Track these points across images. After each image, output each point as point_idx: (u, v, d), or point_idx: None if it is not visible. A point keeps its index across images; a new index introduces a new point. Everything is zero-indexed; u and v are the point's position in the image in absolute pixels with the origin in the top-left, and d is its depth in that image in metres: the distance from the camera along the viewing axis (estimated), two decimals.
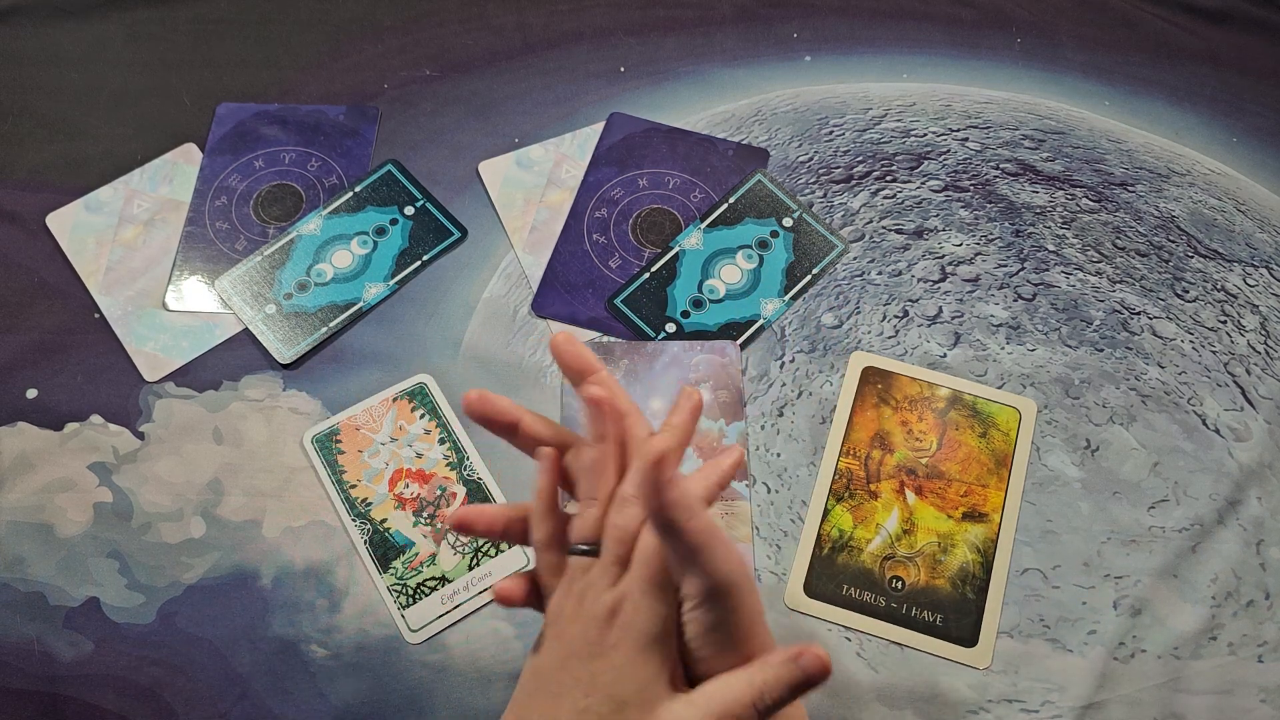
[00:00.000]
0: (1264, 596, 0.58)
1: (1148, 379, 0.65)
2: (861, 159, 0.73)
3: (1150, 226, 0.70)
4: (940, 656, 0.56)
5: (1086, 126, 0.75)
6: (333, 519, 0.60)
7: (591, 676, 0.38)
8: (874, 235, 0.69)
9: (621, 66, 0.76)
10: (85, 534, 0.59)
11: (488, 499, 0.60)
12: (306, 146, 0.72)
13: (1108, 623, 0.57)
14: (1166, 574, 0.59)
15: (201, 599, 0.57)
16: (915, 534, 0.59)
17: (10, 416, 0.62)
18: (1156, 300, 0.67)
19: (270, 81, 0.75)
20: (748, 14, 0.79)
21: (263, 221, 0.69)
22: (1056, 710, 0.55)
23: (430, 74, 0.75)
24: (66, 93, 0.74)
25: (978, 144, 0.73)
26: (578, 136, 0.73)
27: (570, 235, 0.69)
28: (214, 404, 0.63)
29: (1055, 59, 0.77)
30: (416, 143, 0.72)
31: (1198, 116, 0.75)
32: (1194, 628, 0.57)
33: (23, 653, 0.56)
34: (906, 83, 0.76)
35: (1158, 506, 0.61)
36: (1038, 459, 0.62)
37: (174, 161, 0.71)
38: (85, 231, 0.68)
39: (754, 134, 0.73)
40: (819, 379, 0.64)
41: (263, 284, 0.66)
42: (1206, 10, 0.80)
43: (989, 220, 0.70)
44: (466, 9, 0.78)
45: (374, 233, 0.68)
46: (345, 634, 0.57)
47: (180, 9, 0.78)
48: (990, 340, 0.66)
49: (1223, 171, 0.73)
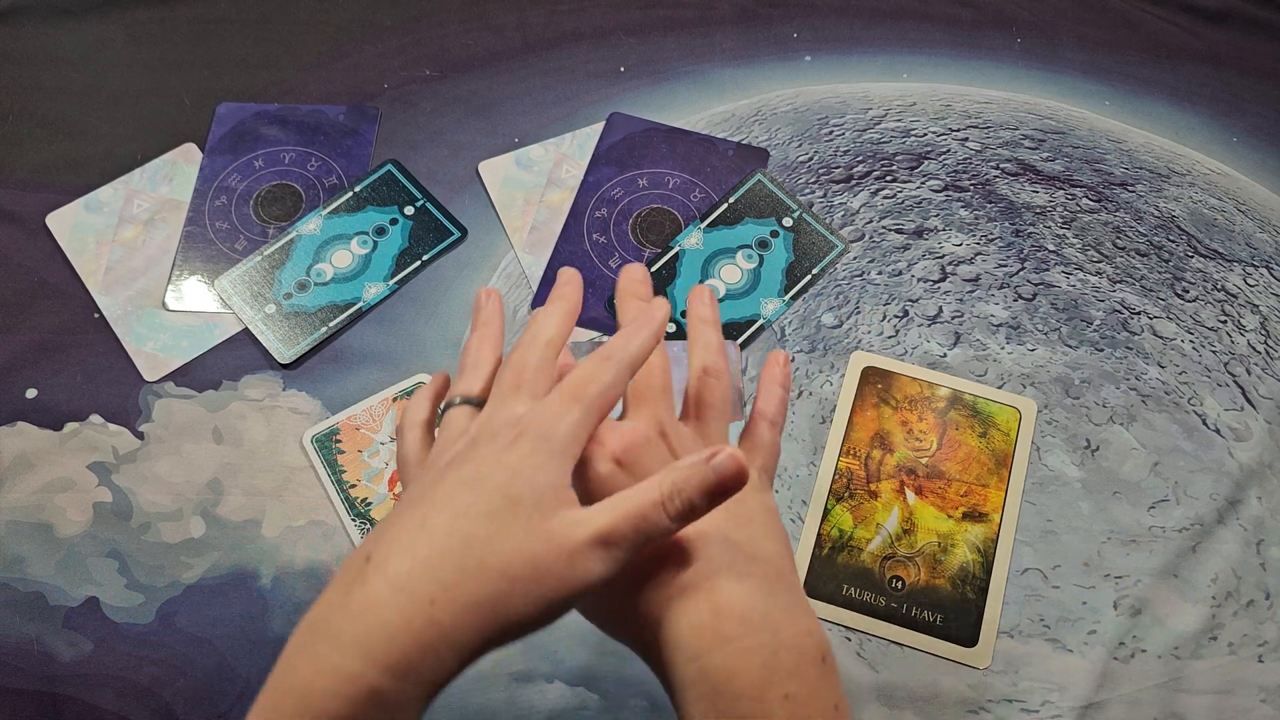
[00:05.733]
0: (1264, 596, 0.58)
1: (1148, 379, 0.65)
2: (861, 159, 0.73)
3: (1150, 226, 0.70)
4: (940, 656, 0.56)
5: (1087, 126, 0.74)
6: (332, 519, 0.60)
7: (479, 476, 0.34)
8: (874, 235, 0.69)
9: (621, 66, 0.76)
10: (85, 534, 0.59)
11: None
12: (306, 146, 0.72)
13: (1108, 623, 0.57)
14: (1167, 574, 0.58)
15: (201, 599, 0.57)
16: (915, 534, 0.59)
17: (10, 416, 0.62)
18: (1157, 300, 0.67)
19: (270, 81, 0.75)
20: (748, 14, 0.78)
21: (262, 221, 0.69)
22: (1056, 710, 0.55)
23: (430, 74, 0.75)
24: (66, 93, 0.74)
25: (978, 144, 0.73)
26: (578, 136, 0.73)
27: (570, 235, 0.69)
28: (214, 404, 0.63)
29: (1055, 59, 0.77)
30: (416, 143, 0.72)
31: (1198, 116, 0.75)
32: (1194, 628, 0.57)
33: (22, 652, 0.56)
34: (906, 82, 0.76)
35: (1158, 506, 0.61)
36: (1038, 459, 0.62)
37: (174, 161, 0.71)
38: (85, 231, 0.68)
39: (754, 134, 0.73)
40: (819, 379, 0.64)
41: (262, 284, 0.66)
42: (1206, 10, 0.80)
43: (989, 220, 0.70)
44: (466, 9, 0.78)
45: (374, 232, 0.68)
46: None
47: (180, 9, 0.78)
48: (990, 340, 0.66)
49: (1223, 171, 0.73)
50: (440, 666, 0.31)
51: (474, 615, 0.32)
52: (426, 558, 0.32)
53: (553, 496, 0.34)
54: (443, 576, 0.32)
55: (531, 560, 0.32)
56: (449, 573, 0.32)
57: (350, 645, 0.31)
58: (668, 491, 0.33)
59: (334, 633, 0.31)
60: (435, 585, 0.31)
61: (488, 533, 0.33)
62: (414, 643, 0.31)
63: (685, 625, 0.33)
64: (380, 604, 0.31)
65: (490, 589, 0.32)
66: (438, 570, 0.32)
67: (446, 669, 0.32)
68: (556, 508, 0.34)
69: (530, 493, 0.33)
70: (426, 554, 0.32)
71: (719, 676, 0.33)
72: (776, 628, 0.33)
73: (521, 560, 0.32)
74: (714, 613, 0.33)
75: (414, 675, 0.31)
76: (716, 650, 0.33)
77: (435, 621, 0.31)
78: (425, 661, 0.31)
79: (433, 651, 0.31)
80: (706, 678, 0.33)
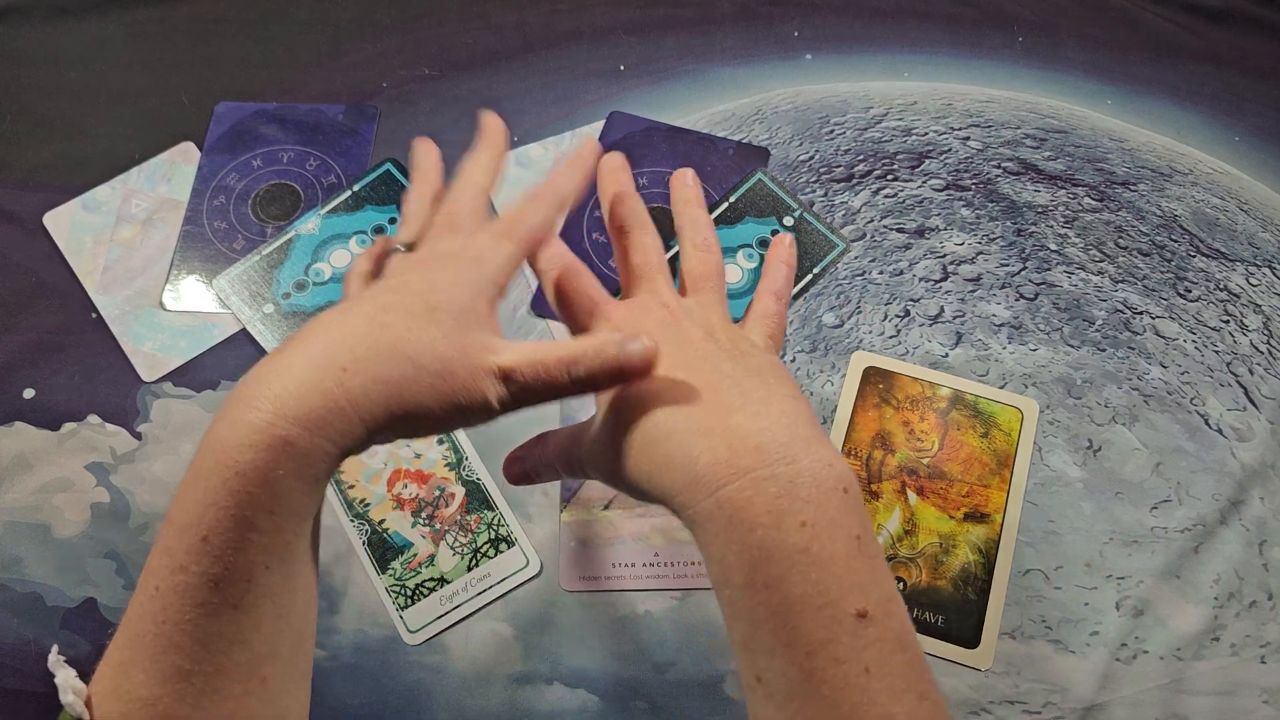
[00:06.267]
0: (1267, 597, 0.58)
1: (1150, 379, 0.64)
2: (862, 158, 0.72)
3: (1152, 226, 0.70)
4: (942, 658, 0.56)
5: (1088, 125, 0.74)
6: (331, 519, 0.59)
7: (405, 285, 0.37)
8: (875, 234, 0.69)
9: (622, 65, 0.76)
10: (82, 534, 0.59)
11: (486, 499, 0.60)
12: (305, 146, 0.71)
13: (1110, 623, 0.57)
14: (1169, 575, 0.58)
15: None
16: (917, 534, 0.59)
17: (7, 416, 0.62)
18: (1159, 300, 0.67)
19: (269, 81, 0.74)
20: (748, 12, 0.78)
21: (261, 221, 0.69)
22: (1058, 711, 0.55)
23: (430, 73, 0.75)
24: (65, 92, 0.74)
25: (979, 143, 0.73)
26: (578, 136, 0.72)
27: (570, 235, 0.68)
28: (212, 404, 0.62)
29: (1057, 58, 0.77)
30: None
31: (1200, 115, 0.75)
32: (1196, 628, 0.57)
33: (20, 653, 0.55)
34: (908, 81, 0.76)
35: (1160, 507, 0.60)
36: (1040, 459, 0.62)
37: (172, 160, 0.71)
38: (83, 231, 0.68)
39: (754, 133, 0.73)
40: (820, 379, 0.64)
41: (261, 283, 0.66)
42: (1208, 10, 0.80)
43: (991, 219, 0.70)
44: (466, 9, 0.78)
45: (373, 232, 0.68)
46: (344, 635, 0.56)
47: (179, 8, 0.77)
48: (992, 340, 0.65)
49: (1225, 171, 0.73)
50: (348, 428, 0.33)
51: (381, 388, 0.34)
52: (343, 335, 0.35)
53: (473, 316, 0.37)
54: (356, 349, 0.34)
55: (441, 358, 0.35)
56: (362, 348, 0.34)
57: (263, 401, 0.32)
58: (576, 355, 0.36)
59: (248, 395, 0.33)
60: (348, 356, 0.34)
61: (404, 325, 0.35)
62: (323, 401, 0.33)
63: (703, 462, 0.34)
64: (294, 367, 0.33)
65: (399, 370, 0.34)
66: (352, 345, 0.34)
67: (354, 434, 0.34)
68: (473, 326, 0.36)
69: (450, 304, 0.36)
70: (343, 333, 0.35)
71: (735, 506, 0.33)
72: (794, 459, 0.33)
73: (431, 355, 0.35)
74: (730, 446, 0.34)
75: (323, 430, 0.33)
76: (732, 481, 0.33)
77: (344, 386, 0.33)
78: (333, 420, 0.33)
79: (341, 413, 0.33)
80: (723, 509, 0.33)
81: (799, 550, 0.32)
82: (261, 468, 0.32)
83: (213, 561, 0.32)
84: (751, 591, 0.32)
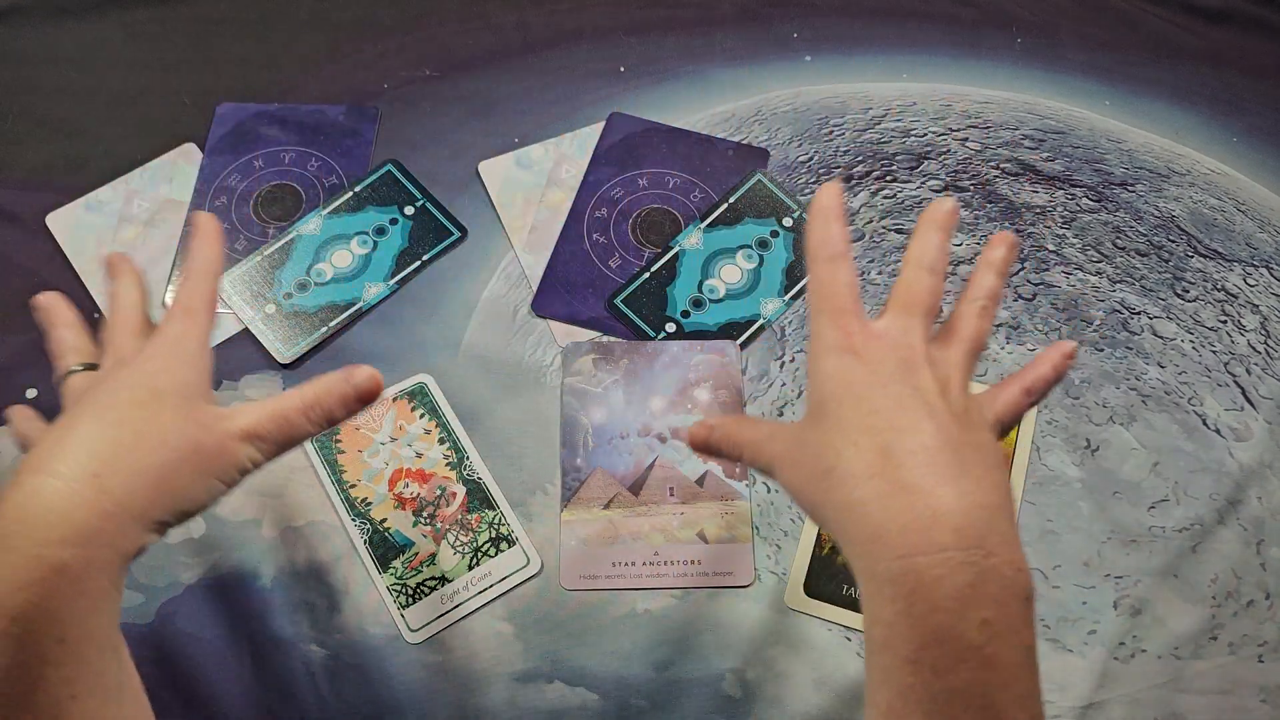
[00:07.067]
0: (1264, 596, 0.58)
1: (1148, 379, 0.65)
2: (861, 159, 0.73)
3: (1150, 226, 0.70)
4: None
5: (1087, 126, 0.74)
6: (332, 519, 0.60)
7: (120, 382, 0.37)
8: (874, 235, 0.69)
9: (622, 66, 0.76)
10: None
11: (488, 498, 0.60)
12: (306, 146, 0.72)
13: (1108, 622, 0.57)
14: (1167, 574, 0.58)
15: (201, 599, 0.57)
16: None
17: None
18: (1157, 300, 0.67)
19: (270, 81, 0.75)
20: (748, 14, 0.78)
21: (262, 221, 0.69)
22: (1056, 710, 0.55)
23: (430, 74, 0.75)
24: (66, 92, 0.74)
25: (978, 144, 0.73)
26: (578, 136, 0.73)
27: (570, 235, 0.69)
28: None
29: (1055, 59, 0.77)
30: (416, 143, 0.72)
31: (1198, 116, 0.75)
32: (1194, 628, 0.57)
33: None
34: (906, 82, 0.76)
35: (1158, 506, 0.61)
36: (1037, 459, 0.62)
37: (174, 161, 0.71)
38: (85, 231, 0.68)
39: (754, 134, 0.73)
40: None
41: (262, 284, 0.66)
42: (1207, 10, 0.80)
43: (989, 220, 0.70)
44: (466, 9, 0.78)
45: (374, 232, 0.68)
46: (345, 634, 0.57)
47: (180, 9, 0.78)
48: (990, 340, 0.66)
49: (1223, 171, 0.73)
50: (123, 533, 0.33)
51: (142, 479, 0.33)
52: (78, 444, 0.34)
53: (197, 391, 0.38)
54: (100, 451, 0.33)
55: (187, 437, 0.35)
56: (106, 448, 0.33)
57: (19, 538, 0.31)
58: (310, 401, 0.38)
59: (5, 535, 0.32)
60: (95, 461, 0.33)
61: (140, 416, 0.35)
62: (88, 512, 0.32)
63: (898, 523, 0.33)
64: (43, 491, 0.32)
65: (154, 457, 0.34)
66: (93, 450, 0.33)
67: (131, 537, 0.33)
68: (201, 401, 0.38)
69: (174, 387, 0.37)
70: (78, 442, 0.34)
71: (922, 580, 0.32)
72: (990, 552, 0.33)
73: (178, 436, 0.35)
74: (932, 518, 0.33)
75: (96, 541, 0.32)
76: (925, 554, 0.32)
77: (105, 490, 0.32)
78: (105, 527, 0.32)
79: (110, 518, 0.32)
80: (907, 578, 0.32)
81: (975, 647, 0.32)
82: (38, 604, 0.31)
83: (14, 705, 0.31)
84: (915, 669, 0.32)
